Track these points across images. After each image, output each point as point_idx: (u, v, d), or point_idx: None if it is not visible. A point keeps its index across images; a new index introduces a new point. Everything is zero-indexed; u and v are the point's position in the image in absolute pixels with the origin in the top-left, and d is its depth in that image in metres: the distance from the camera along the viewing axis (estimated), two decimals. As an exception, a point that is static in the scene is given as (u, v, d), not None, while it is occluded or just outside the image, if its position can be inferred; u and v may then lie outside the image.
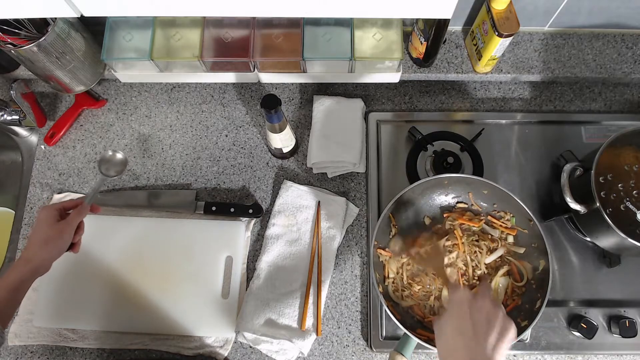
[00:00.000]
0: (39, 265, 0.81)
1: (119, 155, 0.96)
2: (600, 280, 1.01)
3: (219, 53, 1.01)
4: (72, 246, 0.86)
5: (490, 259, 0.94)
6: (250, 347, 0.98)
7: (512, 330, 0.69)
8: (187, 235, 1.03)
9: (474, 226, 0.97)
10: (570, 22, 1.08)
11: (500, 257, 0.95)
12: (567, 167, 0.93)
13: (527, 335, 0.96)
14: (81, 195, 1.08)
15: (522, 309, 0.90)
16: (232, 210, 1.04)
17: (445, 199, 1.00)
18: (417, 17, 0.94)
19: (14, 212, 1.11)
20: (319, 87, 1.16)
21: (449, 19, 0.87)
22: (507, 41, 0.97)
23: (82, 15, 0.66)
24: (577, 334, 0.97)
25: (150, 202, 1.06)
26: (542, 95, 1.14)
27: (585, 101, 1.14)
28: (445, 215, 0.99)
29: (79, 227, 0.86)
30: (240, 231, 1.04)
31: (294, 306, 0.98)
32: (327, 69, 1.05)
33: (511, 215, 0.96)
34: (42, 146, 1.12)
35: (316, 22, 1.00)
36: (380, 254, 0.95)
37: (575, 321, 0.96)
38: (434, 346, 0.82)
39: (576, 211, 0.91)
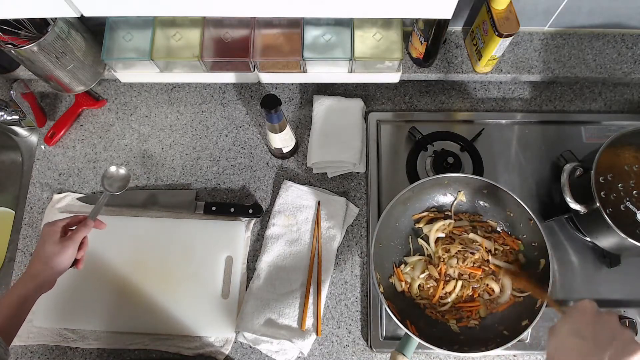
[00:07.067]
0: (43, 282, 0.81)
1: (122, 171, 0.96)
2: (600, 280, 1.01)
3: (219, 53, 1.01)
4: (76, 262, 0.86)
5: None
6: (250, 347, 0.98)
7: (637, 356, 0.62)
8: (187, 235, 1.03)
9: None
10: (570, 22, 1.08)
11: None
12: (567, 167, 0.93)
13: (527, 335, 0.96)
14: (81, 195, 1.08)
15: (522, 308, 0.90)
16: (232, 210, 1.04)
17: (445, 199, 1.00)
18: (417, 17, 0.94)
19: (14, 212, 1.11)
20: (319, 87, 1.16)
21: (449, 19, 0.87)
22: (507, 41, 0.97)
23: (82, 15, 0.66)
24: (577, 334, 0.96)
25: (150, 202, 1.06)
26: (542, 95, 1.14)
27: (585, 101, 1.14)
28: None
29: (83, 243, 0.86)
30: (240, 231, 1.04)
31: (294, 306, 0.98)
32: (327, 69, 1.05)
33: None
34: (42, 146, 1.12)
35: (316, 22, 1.00)
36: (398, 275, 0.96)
37: (575, 321, 0.96)
38: (434, 345, 0.82)
39: (576, 211, 0.91)
